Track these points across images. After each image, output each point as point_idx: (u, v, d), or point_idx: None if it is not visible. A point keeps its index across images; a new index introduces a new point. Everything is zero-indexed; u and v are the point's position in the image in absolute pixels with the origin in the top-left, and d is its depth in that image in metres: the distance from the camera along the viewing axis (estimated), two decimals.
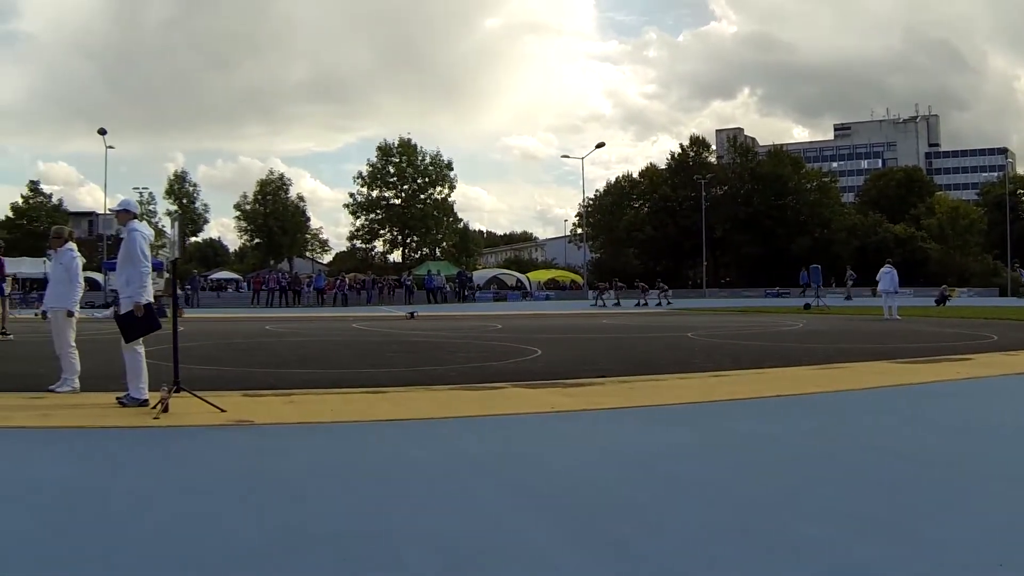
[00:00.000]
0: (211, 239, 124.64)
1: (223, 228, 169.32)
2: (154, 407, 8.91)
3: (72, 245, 11.30)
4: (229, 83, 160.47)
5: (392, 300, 60.69)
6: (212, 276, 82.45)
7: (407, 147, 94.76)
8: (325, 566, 4.26)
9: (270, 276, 62.65)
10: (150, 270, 9.78)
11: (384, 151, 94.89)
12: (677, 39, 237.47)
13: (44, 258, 48.76)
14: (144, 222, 10.20)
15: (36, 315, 30.69)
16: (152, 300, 9.72)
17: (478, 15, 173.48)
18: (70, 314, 10.84)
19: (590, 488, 6.01)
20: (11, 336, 20.89)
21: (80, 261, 11.17)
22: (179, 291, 11.15)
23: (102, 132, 62.78)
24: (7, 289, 24.28)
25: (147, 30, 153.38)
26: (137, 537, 4.70)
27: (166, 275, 24.96)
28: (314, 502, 5.56)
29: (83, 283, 11.25)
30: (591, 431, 8.56)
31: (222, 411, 8.83)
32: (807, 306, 41.99)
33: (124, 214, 10.14)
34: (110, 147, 64.40)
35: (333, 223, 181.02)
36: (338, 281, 62.45)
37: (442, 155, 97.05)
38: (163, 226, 79.96)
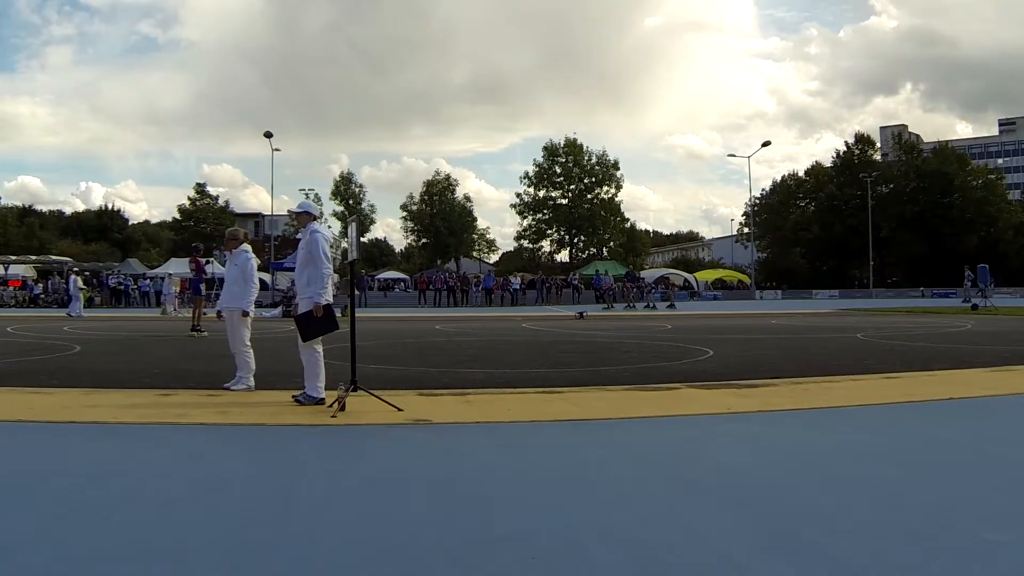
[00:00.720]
0: (377, 239, 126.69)
1: (388, 228, 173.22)
2: (331, 405, 9.05)
3: (247, 246, 11.64)
4: (391, 86, 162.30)
5: (560, 300, 60.76)
6: (379, 276, 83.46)
7: (573, 147, 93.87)
8: (515, 564, 4.24)
9: (437, 276, 63.38)
10: (331, 271, 9.84)
11: (550, 151, 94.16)
12: (838, 35, 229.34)
13: (211, 259, 50.41)
14: (324, 223, 10.34)
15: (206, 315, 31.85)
16: (332, 301, 9.80)
17: (638, 14, 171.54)
18: (245, 314, 11.12)
19: (771, 490, 5.87)
20: (205, 333, 21.80)
21: (255, 262, 11.48)
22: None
23: (268, 135, 64.21)
24: (203, 289, 25.39)
25: (308, 35, 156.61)
26: (320, 534, 4.76)
27: (335, 276, 25.65)
28: (499, 501, 5.54)
29: (258, 284, 11.55)
30: (768, 433, 8.36)
31: (399, 410, 8.88)
32: (975, 307, 40.36)
33: (305, 215, 10.24)
34: (276, 149, 65.98)
35: (499, 223, 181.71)
36: (505, 281, 62.76)
37: (608, 154, 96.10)
38: (329, 226, 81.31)
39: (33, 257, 72.28)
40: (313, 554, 4.40)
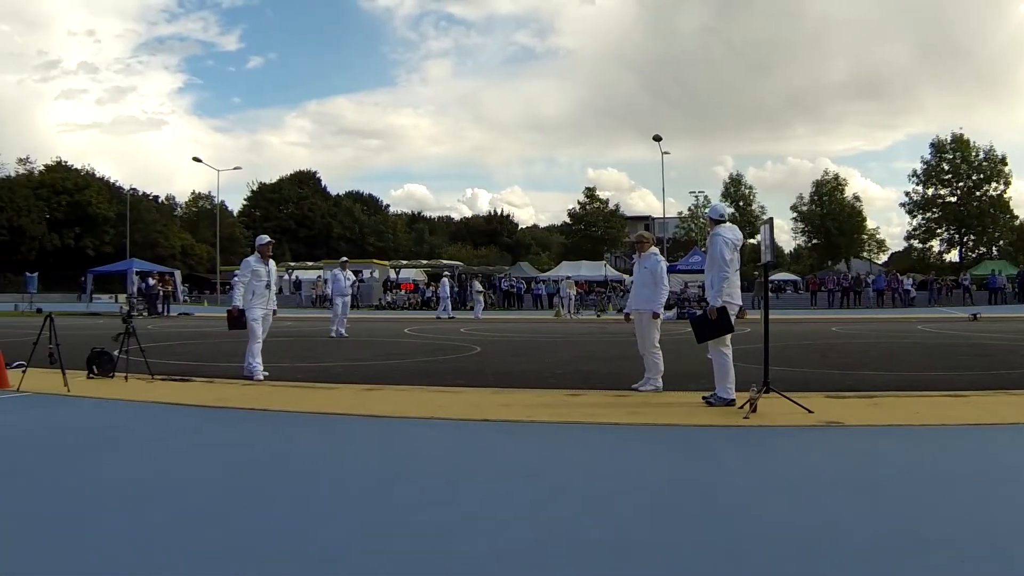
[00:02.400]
0: None
1: (776, 230, 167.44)
2: (742, 407, 8.99)
3: (655, 249, 11.56)
4: (771, 86, 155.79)
5: (950, 301, 57.58)
6: (769, 278, 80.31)
7: (961, 142, 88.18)
8: (945, 568, 4.18)
9: (828, 277, 61.76)
10: (728, 274, 9.66)
11: (938, 148, 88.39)
12: None
13: (603, 262, 51.55)
14: (732, 226, 10.34)
15: (596, 316, 32.42)
16: (730, 303, 9.66)
17: (1014, 2, 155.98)
18: (655, 316, 11.05)
19: None
20: None
21: (664, 265, 11.30)
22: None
23: (657, 139, 63.09)
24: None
25: (684, 39, 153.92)
26: (744, 532, 4.80)
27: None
28: (923, 504, 5.43)
29: (668, 286, 11.39)
30: None
31: (810, 412, 8.75)
32: None
33: (709, 221, 10.08)
34: (665, 152, 64.50)
35: (884, 222, 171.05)
36: (896, 281, 60.19)
37: (995, 150, 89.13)
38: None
39: (424, 261, 75.98)
40: (736, 551, 4.48)
